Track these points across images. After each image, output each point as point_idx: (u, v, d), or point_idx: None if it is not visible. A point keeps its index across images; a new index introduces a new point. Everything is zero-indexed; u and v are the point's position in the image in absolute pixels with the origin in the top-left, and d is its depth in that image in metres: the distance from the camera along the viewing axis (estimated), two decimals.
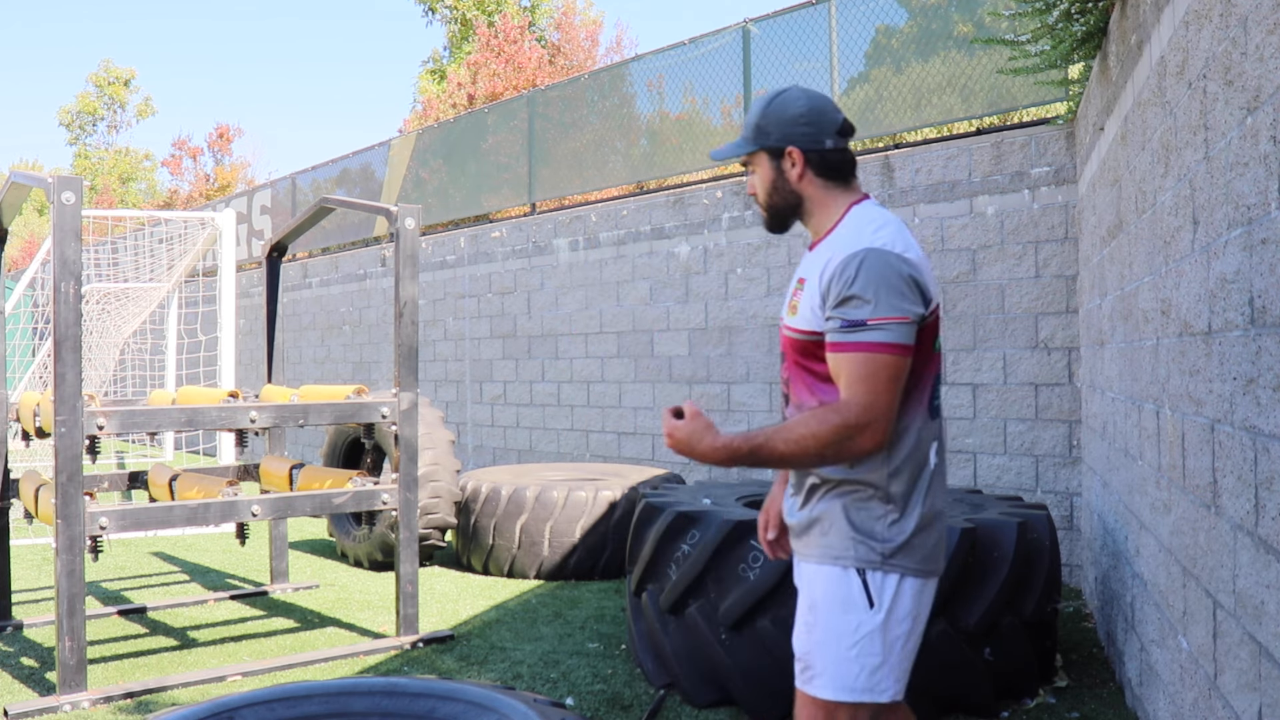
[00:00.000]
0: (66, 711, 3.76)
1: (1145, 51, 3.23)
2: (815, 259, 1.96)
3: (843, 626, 1.90)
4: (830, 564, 1.93)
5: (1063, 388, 5.73)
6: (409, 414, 4.69)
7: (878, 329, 1.80)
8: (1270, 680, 1.88)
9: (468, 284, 9.97)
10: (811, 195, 2.00)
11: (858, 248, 1.86)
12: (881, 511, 1.91)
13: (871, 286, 1.82)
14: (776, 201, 2.02)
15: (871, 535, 1.91)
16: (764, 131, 2.00)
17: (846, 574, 1.91)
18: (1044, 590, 3.73)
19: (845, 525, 1.92)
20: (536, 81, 19.54)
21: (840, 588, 1.91)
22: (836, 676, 1.89)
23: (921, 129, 6.84)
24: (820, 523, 1.95)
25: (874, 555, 1.90)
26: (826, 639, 1.91)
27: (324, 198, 5.37)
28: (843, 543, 1.92)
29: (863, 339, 1.81)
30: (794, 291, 1.99)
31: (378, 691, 2.60)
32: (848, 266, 1.84)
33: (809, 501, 1.98)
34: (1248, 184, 1.99)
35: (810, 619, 1.95)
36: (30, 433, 4.64)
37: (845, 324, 1.83)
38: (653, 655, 3.96)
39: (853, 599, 1.90)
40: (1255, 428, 1.94)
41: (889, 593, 1.90)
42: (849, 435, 1.81)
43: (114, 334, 13.34)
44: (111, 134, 39.99)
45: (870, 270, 1.83)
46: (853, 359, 1.82)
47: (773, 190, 2.02)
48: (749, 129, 2.02)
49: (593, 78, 9.48)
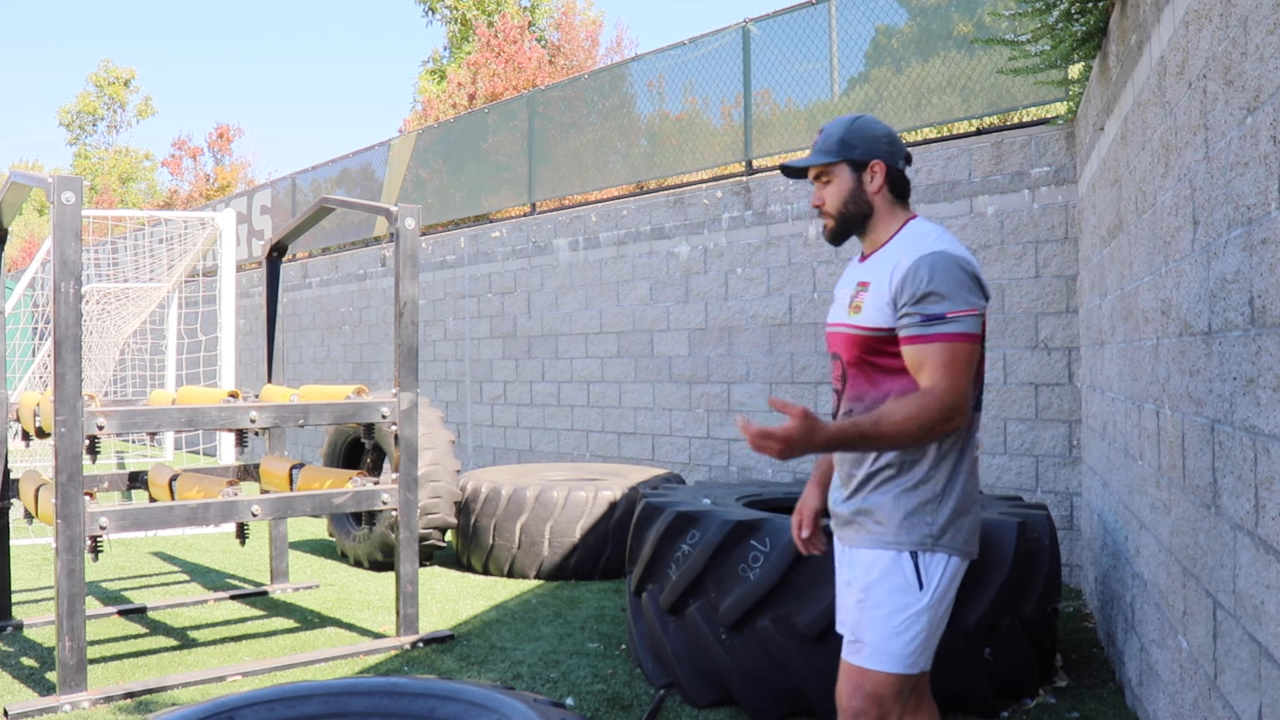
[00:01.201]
0: (66, 711, 3.76)
1: (1145, 51, 3.23)
2: (878, 265, 2.17)
3: (894, 605, 2.10)
4: (884, 549, 2.12)
5: (1063, 388, 5.73)
6: (409, 414, 4.69)
7: (955, 321, 2.02)
8: (1270, 680, 1.88)
9: (468, 284, 9.97)
10: (880, 208, 2.22)
11: (925, 252, 2.07)
12: (929, 496, 2.11)
13: (945, 284, 2.04)
14: (850, 211, 2.22)
15: (921, 519, 2.11)
16: (849, 145, 2.21)
17: (900, 557, 2.11)
18: (1044, 590, 3.73)
19: (897, 512, 2.11)
20: (536, 81, 19.53)
21: (894, 570, 2.11)
22: (884, 650, 2.10)
23: (921, 129, 6.84)
24: (873, 512, 2.14)
25: (925, 538, 2.10)
26: (878, 616, 2.11)
27: (324, 198, 5.37)
28: (896, 528, 2.11)
29: (942, 330, 2.02)
30: (854, 294, 2.19)
31: (378, 691, 2.59)
32: (920, 268, 2.05)
33: (859, 492, 2.17)
34: (1248, 184, 1.99)
35: (863, 597, 2.14)
36: (30, 433, 4.64)
37: (924, 318, 2.03)
38: (653, 655, 3.96)
39: (905, 581, 2.10)
40: (1255, 428, 1.94)
41: (936, 573, 2.11)
42: (944, 417, 2.00)
43: (114, 334, 13.34)
44: (111, 134, 40.00)
45: (942, 270, 2.04)
46: (935, 349, 2.02)
47: (849, 200, 2.22)
48: (831, 142, 2.21)
49: (593, 78, 9.48)
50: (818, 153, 2.24)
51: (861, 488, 2.17)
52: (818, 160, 2.23)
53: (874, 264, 2.19)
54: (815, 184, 2.26)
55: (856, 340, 2.15)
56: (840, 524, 2.26)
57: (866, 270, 2.21)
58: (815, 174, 2.26)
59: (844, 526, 2.24)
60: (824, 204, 2.25)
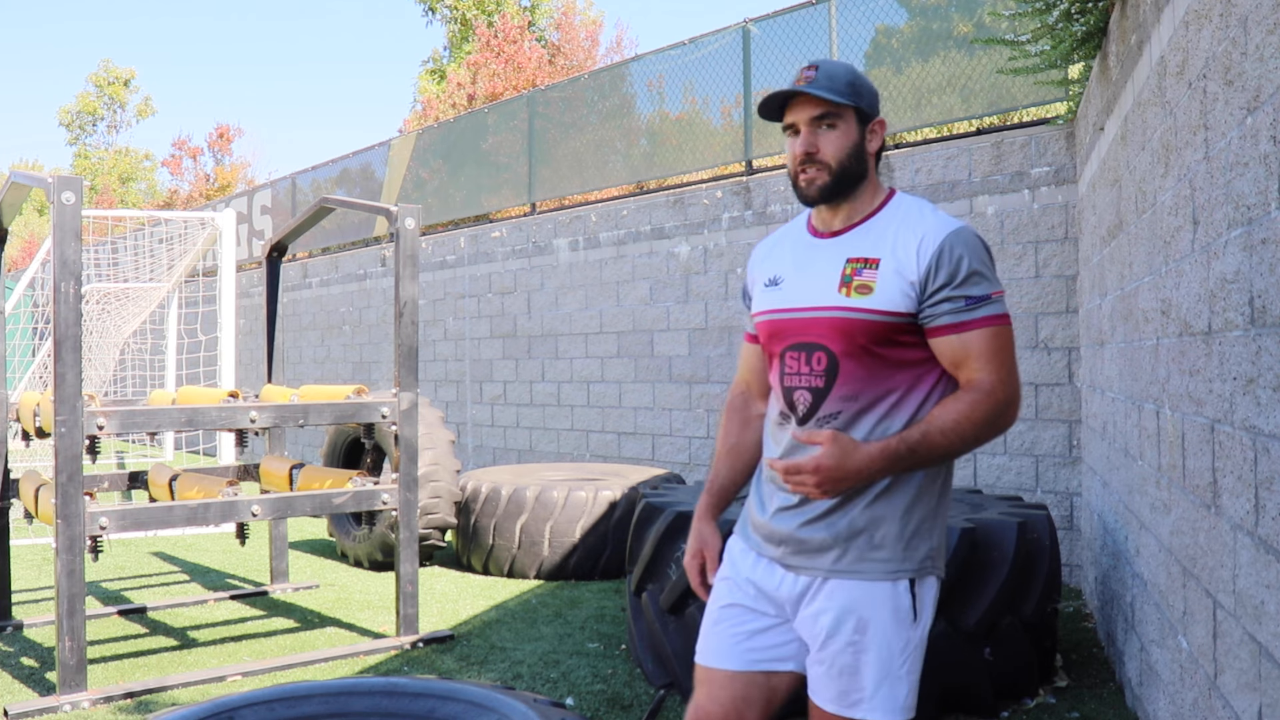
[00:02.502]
0: (66, 711, 3.76)
1: (1145, 51, 3.23)
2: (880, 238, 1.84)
3: (896, 644, 1.79)
4: (880, 580, 1.80)
5: (1063, 388, 5.73)
6: (409, 414, 4.69)
7: (999, 302, 1.79)
8: (1270, 680, 1.88)
9: (468, 284, 9.97)
10: (871, 173, 1.89)
11: (952, 226, 1.80)
12: (929, 509, 1.84)
13: (982, 262, 1.79)
14: (851, 167, 1.85)
15: (924, 539, 1.82)
16: (858, 92, 1.85)
17: (897, 587, 1.80)
18: (1044, 590, 3.73)
19: (905, 531, 1.80)
20: (536, 81, 19.54)
21: (891, 604, 1.80)
22: (891, 698, 1.79)
23: (921, 129, 6.84)
24: (868, 533, 1.80)
25: (925, 561, 1.83)
26: (879, 659, 1.79)
27: (324, 198, 5.37)
28: (894, 554, 1.80)
29: (989, 313, 1.77)
30: (849, 272, 1.82)
31: (378, 691, 2.60)
32: (955, 245, 1.77)
33: (845, 509, 1.81)
34: (1248, 184, 1.99)
35: (858, 640, 1.79)
36: (30, 433, 4.64)
37: (970, 301, 1.76)
38: (653, 655, 3.96)
39: (902, 613, 1.80)
40: (1255, 428, 1.94)
41: (929, 601, 1.85)
42: (1002, 413, 1.75)
43: (114, 334, 13.34)
44: (111, 134, 40.01)
45: (975, 247, 1.79)
46: (984, 335, 1.76)
47: (853, 153, 1.85)
48: (841, 83, 1.83)
49: (593, 78, 9.48)
50: (826, 90, 1.81)
51: (851, 502, 1.81)
52: (833, 96, 1.81)
53: (864, 238, 1.85)
54: (805, 128, 1.84)
55: (864, 327, 1.78)
56: (797, 550, 1.85)
57: (853, 245, 1.85)
58: (818, 114, 1.83)
59: (812, 554, 1.83)
60: (820, 151, 1.83)
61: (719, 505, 2.05)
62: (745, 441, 2.06)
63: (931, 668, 3.42)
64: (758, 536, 1.93)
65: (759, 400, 2.07)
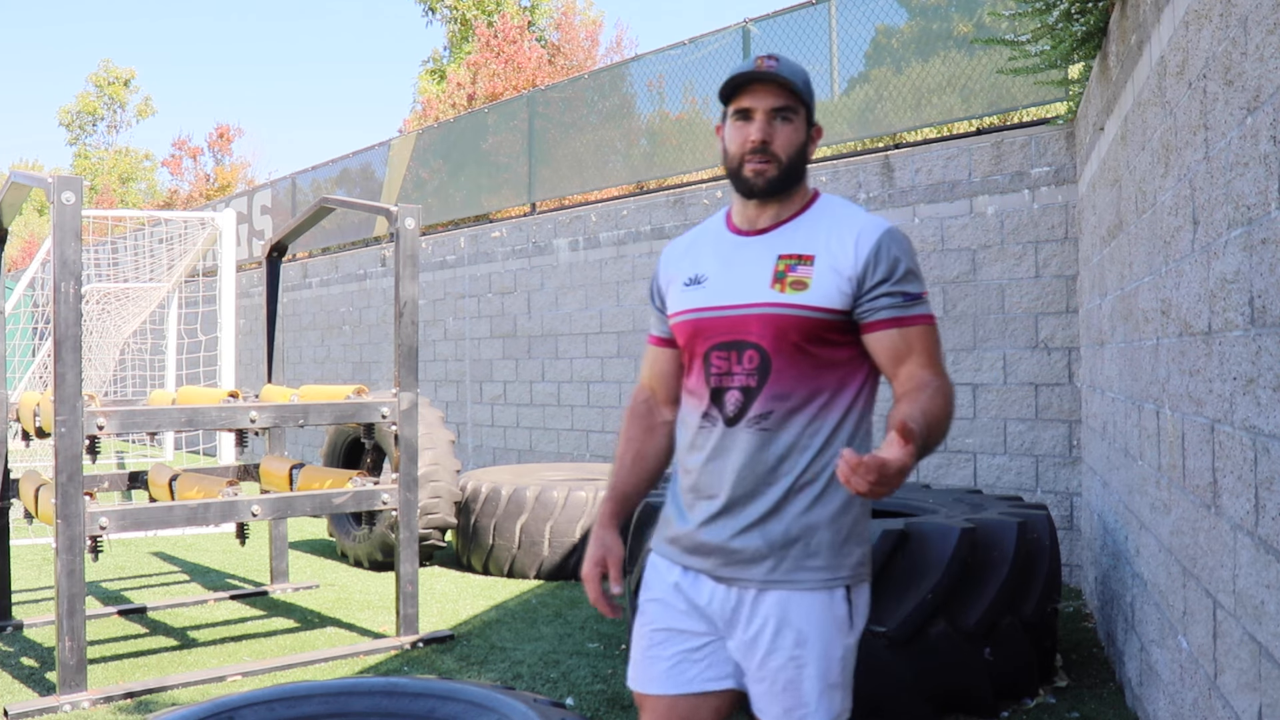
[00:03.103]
0: (66, 711, 3.76)
1: (1145, 51, 3.23)
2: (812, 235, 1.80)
3: (834, 654, 1.75)
4: (818, 590, 1.74)
5: (1063, 388, 5.73)
6: (409, 414, 4.69)
7: (928, 302, 1.78)
8: (1270, 680, 1.88)
9: (468, 284, 9.97)
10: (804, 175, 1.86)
11: (886, 225, 1.79)
12: (859, 511, 1.79)
13: (914, 261, 1.78)
14: (798, 164, 1.82)
15: (856, 543, 1.78)
16: (811, 95, 1.84)
17: (834, 595, 1.75)
18: (1044, 590, 3.73)
19: (838, 536, 1.75)
20: (536, 81, 19.54)
21: (829, 614, 1.75)
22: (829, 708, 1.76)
23: (921, 129, 6.84)
24: (803, 540, 1.74)
25: (858, 566, 1.79)
26: (819, 671, 1.75)
27: (324, 198, 5.37)
28: (833, 560, 1.75)
29: (924, 311, 1.76)
30: (783, 267, 1.78)
31: (378, 691, 2.60)
32: (891, 243, 1.76)
33: (777, 514, 1.75)
34: (1248, 184, 1.99)
35: (799, 654, 1.74)
36: (30, 433, 4.65)
37: (908, 298, 1.74)
38: None
39: (839, 623, 1.75)
40: (1255, 428, 1.94)
41: (862, 606, 1.81)
42: (954, 409, 1.73)
43: (114, 334, 13.34)
44: (111, 134, 40.01)
45: (907, 247, 1.78)
46: (924, 332, 1.75)
47: (801, 151, 1.82)
48: (800, 81, 1.80)
49: (593, 78, 9.49)
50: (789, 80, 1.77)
51: (784, 506, 1.75)
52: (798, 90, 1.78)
53: (794, 235, 1.81)
54: (761, 116, 1.78)
55: (798, 323, 1.74)
56: (728, 561, 1.78)
57: (784, 242, 1.80)
58: (779, 105, 1.78)
59: (745, 564, 1.77)
60: (774, 143, 1.78)
61: (621, 513, 1.98)
62: (649, 448, 1.99)
63: (931, 668, 3.44)
64: (677, 548, 1.86)
65: (664, 406, 2.01)
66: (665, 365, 1.99)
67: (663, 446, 2.00)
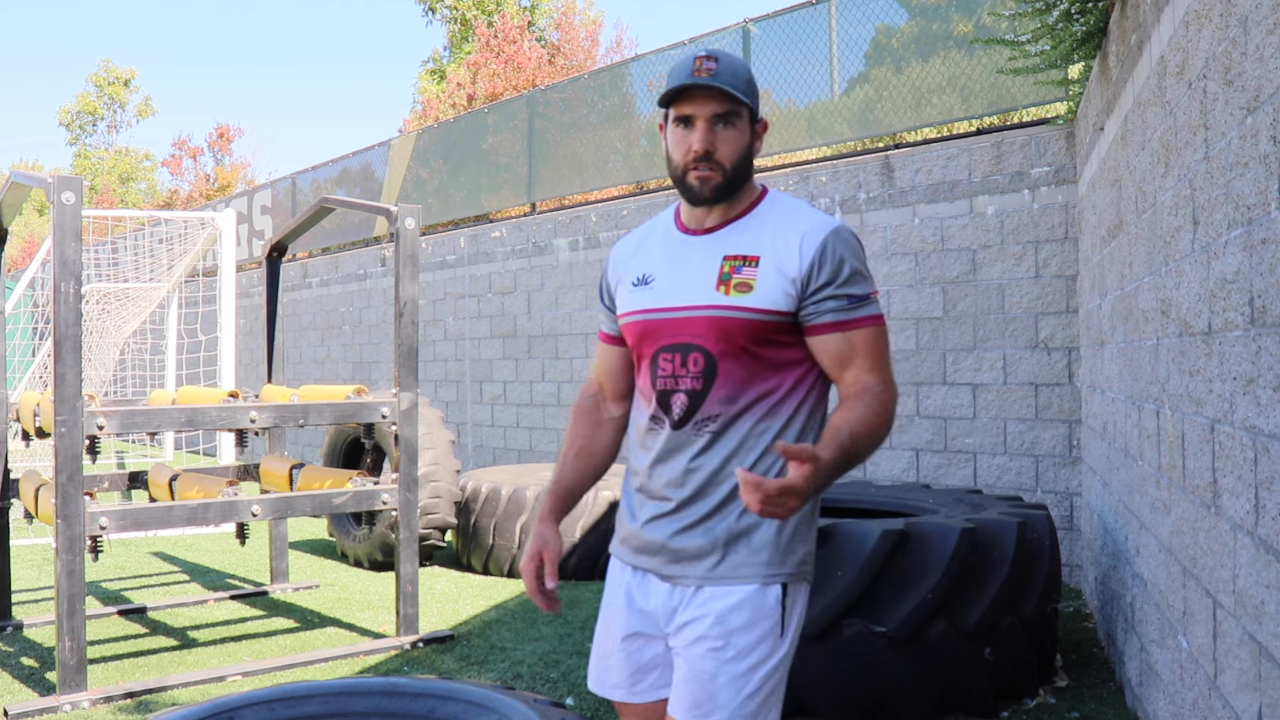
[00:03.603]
0: (66, 711, 3.76)
1: (1145, 51, 3.23)
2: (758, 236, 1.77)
3: (755, 658, 1.71)
4: (753, 583, 1.71)
5: (1063, 388, 5.73)
6: (409, 414, 4.69)
7: (876, 302, 1.74)
8: (1270, 680, 1.88)
9: (468, 284, 9.97)
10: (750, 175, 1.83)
11: (832, 225, 1.74)
12: (806, 512, 1.76)
13: (861, 261, 1.74)
14: (741, 169, 1.78)
15: (799, 541, 1.75)
16: (753, 94, 1.77)
17: (767, 594, 1.72)
18: (1044, 590, 3.73)
19: (781, 535, 1.73)
20: (536, 81, 19.54)
21: (759, 612, 1.71)
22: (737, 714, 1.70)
23: (921, 129, 6.84)
24: (746, 536, 1.73)
25: (800, 565, 1.76)
26: (737, 674, 1.70)
27: (324, 198, 5.37)
28: (776, 556, 1.73)
29: (870, 312, 1.73)
30: (728, 269, 1.75)
31: (378, 691, 2.60)
32: (835, 243, 1.71)
33: (722, 513, 1.73)
34: (1248, 184, 1.99)
35: (720, 646, 1.71)
36: (30, 433, 4.65)
37: (853, 300, 1.71)
38: None
39: (768, 625, 1.72)
40: (1255, 428, 1.94)
41: (797, 611, 1.76)
42: (892, 414, 1.69)
43: (114, 334, 13.34)
44: (111, 134, 40.01)
45: (854, 246, 1.74)
46: (868, 335, 1.72)
47: (745, 155, 1.78)
48: (741, 80, 1.74)
49: (593, 78, 9.48)
50: (730, 84, 1.71)
51: (728, 505, 1.73)
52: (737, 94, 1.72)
53: (741, 235, 1.77)
54: (702, 124, 1.73)
55: (743, 326, 1.71)
56: (673, 559, 1.77)
57: (730, 242, 1.77)
58: (720, 111, 1.73)
59: (687, 561, 1.75)
60: (717, 151, 1.73)
61: (562, 508, 1.95)
62: (595, 445, 1.98)
63: (931, 668, 3.44)
64: (628, 548, 1.86)
65: (611, 403, 2.00)
66: (613, 362, 1.98)
67: (609, 444, 1.99)
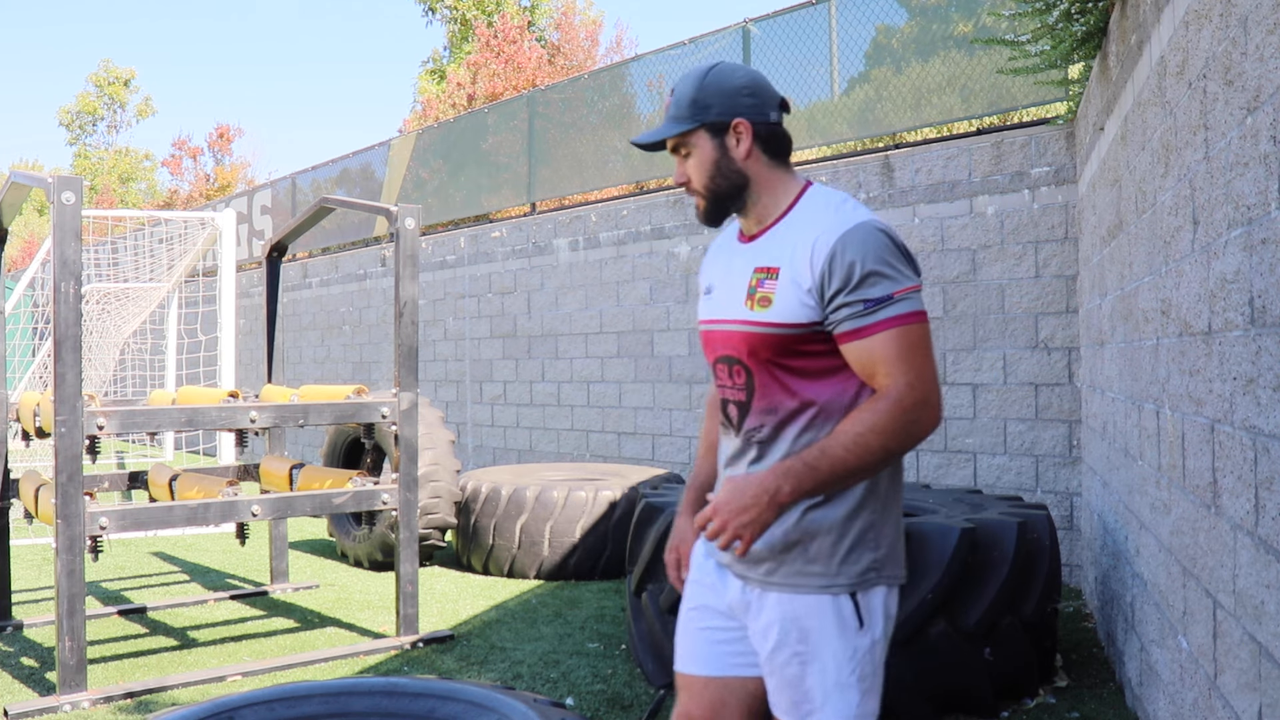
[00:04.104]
0: (66, 711, 3.76)
1: (1145, 51, 3.23)
2: (779, 245, 1.78)
3: (842, 653, 1.75)
4: (816, 594, 1.76)
5: (1063, 388, 5.73)
6: (409, 414, 4.69)
7: (904, 300, 1.67)
8: (1270, 680, 1.88)
9: (468, 284, 9.97)
10: (758, 175, 1.80)
11: (848, 226, 1.69)
12: (874, 518, 1.77)
13: (882, 260, 1.68)
14: (720, 185, 1.80)
15: (864, 550, 1.76)
16: (703, 106, 1.78)
17: (837, 601, 1.76)
18: (1044, 590, 3.73)
19: (842, 541, 1.75)
20: (536, 81, 19.54)
21: (832, 615, 1.76)
22: (842, 706, 1.76)
23: (921, 129, 6.84)
24: (802, 545, 1.76)
25: (867, 572, 1.76)
26: (824, 669, 1.76)
27: (324, 198, 5.37)
28: (832, 567, 1.75)
29: (891, 314, 1.67)
30: (753, 283, 1.78)
31: (378, 691, 2.60)
32: (849, 246, 1.67)
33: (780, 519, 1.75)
34: (1248, 184, 1.99)
35: (802, 650, 1.76)
36: (30, 433, 4.65)
37: (869, 304, 1.66)
38: (653, 655, 3.96)
39: (846, 622, 1.75)
40: (1255, 428, 1.94)
41: (878, 607, 1.78)
42: (914, 419, 1.65)
43: (114, 334, 13.34)
44: (111, 134, 40.01)
45: (875, 245, 1.68)
46: (887, 338, 1.66)
47: (715, 171, 1.80)
48: (683, 106, 1.79)
49: (593, 78, 9.48)
50: (669, 121, 1.81)
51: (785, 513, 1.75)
52: (670, 131, 1.80)
53: (771, 244, 1.79)
54: (676, 158, 1.85)
55: (767, 341, 1.74)
56: (752, 561, 1.82)
57: (762, 253, 1.80)
58: (673, 146, 1.83)
59: (750, 564, 1.82)
60: (690, 181, 1.82)
61: (699, 501, 2.05)
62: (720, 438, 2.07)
63: (931, 668, 3.44)
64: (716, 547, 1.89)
65: None
66: None
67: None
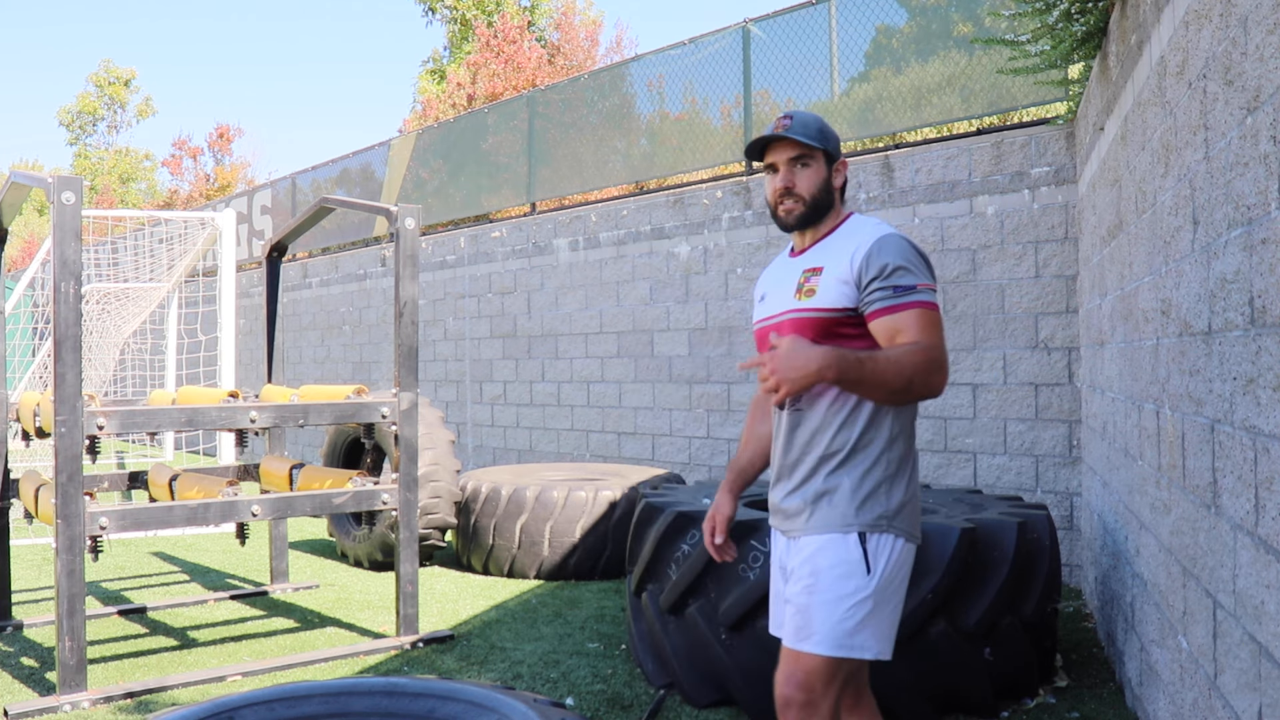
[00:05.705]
0: (66, 711, 3.76)
1: (1145, 51, 3.23)
2: (825, 252, 2.23)
3: (842, 590, 2.11)
4: (833, 531, 2.14)
5: (1063, 388, 5.73)
6: (409, 414, 4.69)
7: (925, 292, 2.09)
8: (1270, 680, 1.88)
9: (468, 284, 9.97)
10: (834, 203, 2.30)
11: (879, 234, 2.16)
12: (883, 477, 2.15)
13: (910, 260, 2.11)
14: (820, 199, 2.26)
15: (876, 500, 2.14)
16: (827, 137, 2.26)
17: (848, 539, 2.12)
18: (1044, 590, 3.73)
19: (857, 493, 2.14)
20: (536, 81, 19.53)
21: (842, 554, 2.12)
22: (831, 634, 2.10)
23: (921, 129, 6.84)
24: (827, 495, 2.16)
25: (879, 519, 2.13)
26: (826, 601, 2.11)
27: (324, 198, 5.37)
28: (847, 512, 2.13)
29: (917, 299, 2.08)
30: (803, 280, 2.22)
31: (378, 691, 2.60)
32: (883, 247, 2.12)
33: (814, 477, 2.18)
34: (1248, 184, 1.99)
35: (811, 583, 2.14)
36: (30, 433, 4.65)
37: (898, 289, 2.08)
38: (653, 655, 3.96)
39: (853, 564, 2.11)
40: (1255, 428, 1.94)
41: (884, 556, 2.13)
42: (933, 369, 2.02)
43: (114, 334, 13.34)
44: (111, 134, 39.98)
45: (902, 248, 2.13)
46: (915, 314, 2.07)
47: (823, 188, 2.26)
48: (813, 130, 2.24)
49: (593, 78, 9.48)
50: (801, 135, 2.22)
51: (816, 472, 2.19)
52: (805, 141, 2.23)
53: (819, 252, 2.25)
54: (783, 167, 2.25)
55: (811, 324, 2.16)
56: (786, 517, 2.25)
57: (810, 259, 2.26)
58: (794, 155, 2.25)
59: (792, 518, 2.23)
60: (796, 186, 2.25)
61: (737, 482, 2.47)
62: (763, 431, 2.47)
63: (931, 668, 3.43)
64: (773, 515, 2.32)
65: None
66: None
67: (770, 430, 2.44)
